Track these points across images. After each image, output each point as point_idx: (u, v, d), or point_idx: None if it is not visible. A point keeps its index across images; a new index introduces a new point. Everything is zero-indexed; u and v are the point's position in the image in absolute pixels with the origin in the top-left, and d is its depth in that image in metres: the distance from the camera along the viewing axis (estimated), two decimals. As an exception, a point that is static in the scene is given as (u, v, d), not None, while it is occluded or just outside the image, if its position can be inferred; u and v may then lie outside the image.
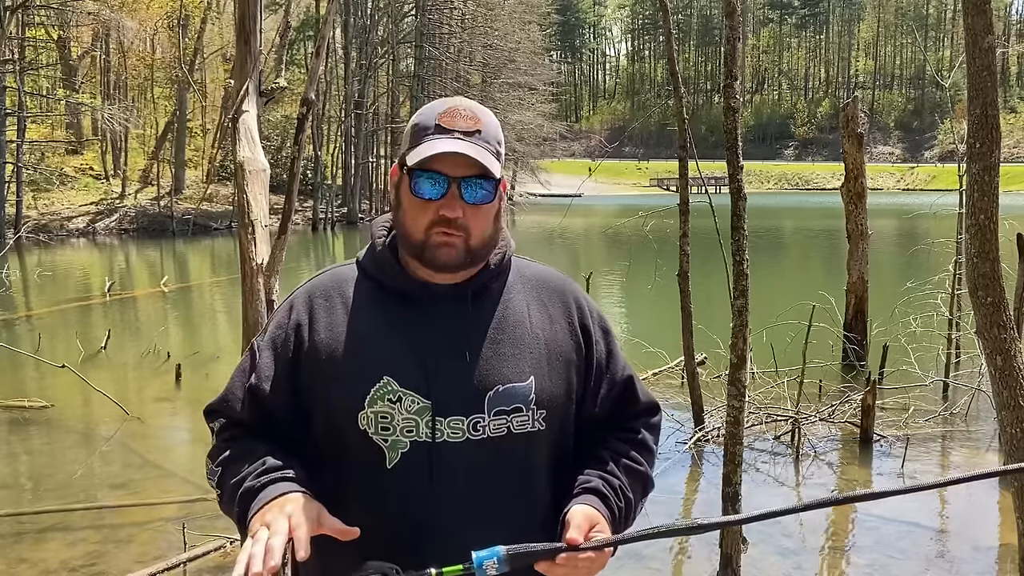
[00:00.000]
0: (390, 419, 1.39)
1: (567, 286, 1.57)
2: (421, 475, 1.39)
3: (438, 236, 1.41)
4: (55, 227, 28.94)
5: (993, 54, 3.05)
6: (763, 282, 6.95)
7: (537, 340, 1.47)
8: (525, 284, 1.53)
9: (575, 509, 1.39)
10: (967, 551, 4.89)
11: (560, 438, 1.49)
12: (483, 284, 1.48)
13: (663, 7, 6.63)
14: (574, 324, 1.52)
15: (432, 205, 1.41)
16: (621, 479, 1.48)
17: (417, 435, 1.39)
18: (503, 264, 1.51)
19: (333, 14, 4.13)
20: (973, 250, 3.14)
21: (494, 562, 1.26)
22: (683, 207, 6.49)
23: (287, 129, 34.66)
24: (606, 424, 1.55)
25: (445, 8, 42.74)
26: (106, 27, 31.48)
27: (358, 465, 1.42)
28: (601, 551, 1.33)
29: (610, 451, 1.51)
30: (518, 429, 1.42)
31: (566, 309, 1.53)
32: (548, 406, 1.45)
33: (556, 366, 1.48)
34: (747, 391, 4.60)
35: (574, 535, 1.32)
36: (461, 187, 1.41)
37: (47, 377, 8.91)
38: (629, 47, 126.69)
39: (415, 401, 1.39)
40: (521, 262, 1.56)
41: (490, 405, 1.41)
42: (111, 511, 5.50)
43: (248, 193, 3.48)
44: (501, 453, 1.42)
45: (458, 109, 1.44)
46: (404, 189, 1.45)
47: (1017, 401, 3.10)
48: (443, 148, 1.39)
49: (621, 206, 41.40)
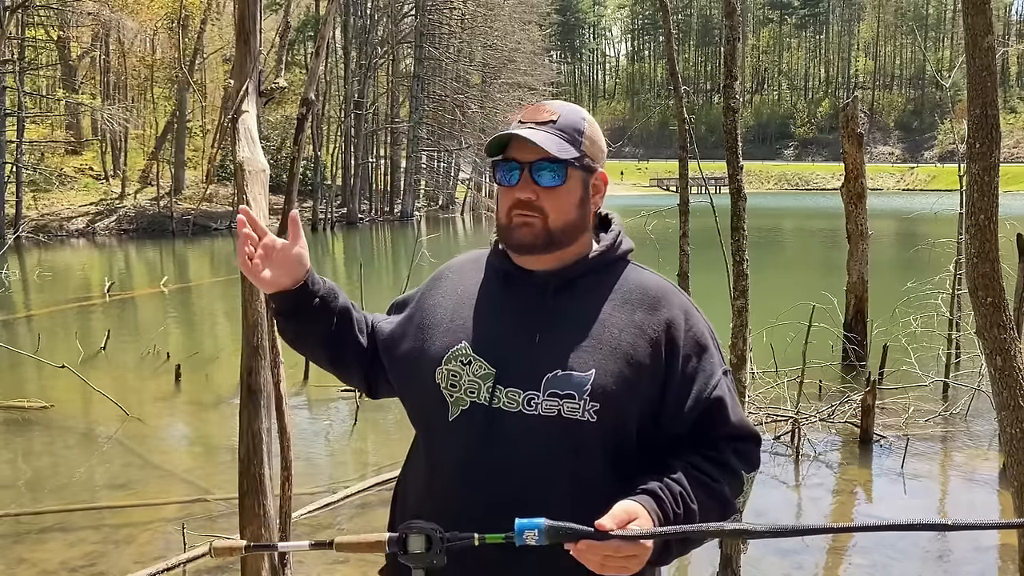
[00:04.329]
0: (459, 378, 1.54)
1: (668, 297, 1.58)
2: (476, 433, 1.51)
3: (517, 218, 1.54)
4: (55, 227, 28.94)
5: (993, 54, 3.04)
6: (763, 282, 6.95)
7: (611, 338, 1.53)
8: (622, 285, 1.59)
9: (621, 502, 1.41)
10: (967, 551, 4.89)
11: (614, 436, 1.50)
12: (570, 277, 1.57)
13: (663, 7, 6.63)
14: (659, 332, 1.53)
15: (511, 191, 1.55)
16: (685, 488, 1.46)
17: (477, 397, 1.52)
18: (604, 260, 1.59)
19: (333, 14, 4.12)
20: (973, 250, 3.13)
21: (535, 533, 1.31)
22: (683, 207, 6.49)
23: (287, 129, 34.71)
24: (689, 442, 1.54)
25: (445, 8, 42.73)
26: (106, 27, 31.46)
27: (427, 413, 1.59)
28: (635, 547, 1.34)
29: (683, 462, 1.51)
30: (568, 414, 1.48)
31: (655, 317, 1.55)
32: (602, 400, 1.48)
33: (623, 365, 1.51)
34: (747, 391, 4.60)
35: (605, 522, 1.34)
36: (532, 171, 1.53)
37: (47, 377, 8.91)
38: (629, 47, 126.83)
39: (482, 366, 1.53)
40: (634, 268, 1.63)
41: (546, 386, 1.49)
42: (111, 511, 5.50)
43: (248, 193, 3.48)
44: (549, 432, 1.49)
45: (542, 105, 1.59)
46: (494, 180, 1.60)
47: (1017, 401, 3.10)
48: (505, 132, 1.54)
49: (621, 206, 41.38)
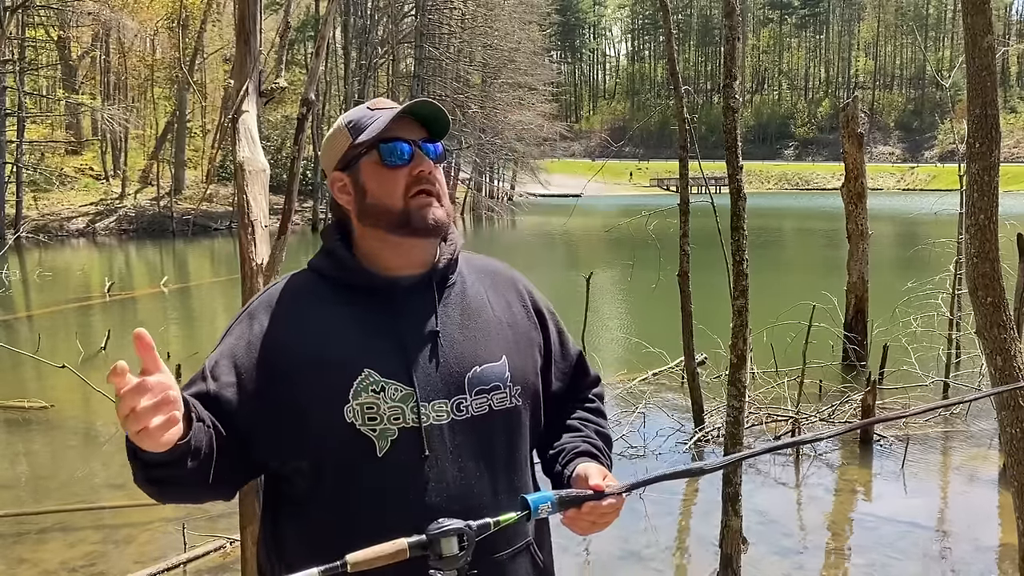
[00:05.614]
0: (376, 409, 1.41)
1: (513, 274, 1.68)
2: (412, 459, 1.42)
3: (419, 198, 1.47)
4: (55, 227, 28.95)
5: (993, 54, 3.05)
6: (763, 282, 6.95)
7: (500, 323, 1.56)
8: (477, 274, 1.61)
9: (584, 465, 1.51)
10: (967, 551, 4.88)
11: (533, 411, 1.58)
12: (443, 275, 1.54)
13: (663, 7, 6.63)
14: (528, 307, 1.63)
15: (403, 170, 1.47)
16: (598, 442, 1.63)
17: (404, 421, 1.42)
18: (455, 257, 1.58)
19: (333, 14, 4.12)
20: (973, 250, 3.14)
21: (548, 506, 1.37)
22: (683, 207, 6.49)
23: (287, 129, 34.68)
24: (565, 396, 1.67)
25: (445, 8, 42.73)
26: (106, 27, 31.49)
27: (347, 459, 1.41)
28: (619, 501, 1.43)
29: (580, 419, 1.67)
30: (498, 406, 1.50)
31: (518, 294, 1.64)
32: (522, 382, 1.54)
33: (522, 345, 1.57)
34: (747, 391, 4.60)
35: (599, 482, 1.43)
36: (422, 147, 1.50)
37: (47, 377, 8.91)
38: (629, 47, 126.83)
39: (399, 389, 1.42)
40: (466, 255, 1.64)
41: (470, 386, 1.47)
42: (111, 511, 5.49)
43: (248, 193, 3.48)
44: (484, 430, 1.48)
45: (382, 99, 1.56)
46: (368, 171, 1.49)
47: (1017, 401, 3.10)
48: (399, 109, 1.48)
49: (621, 206, 41.38)
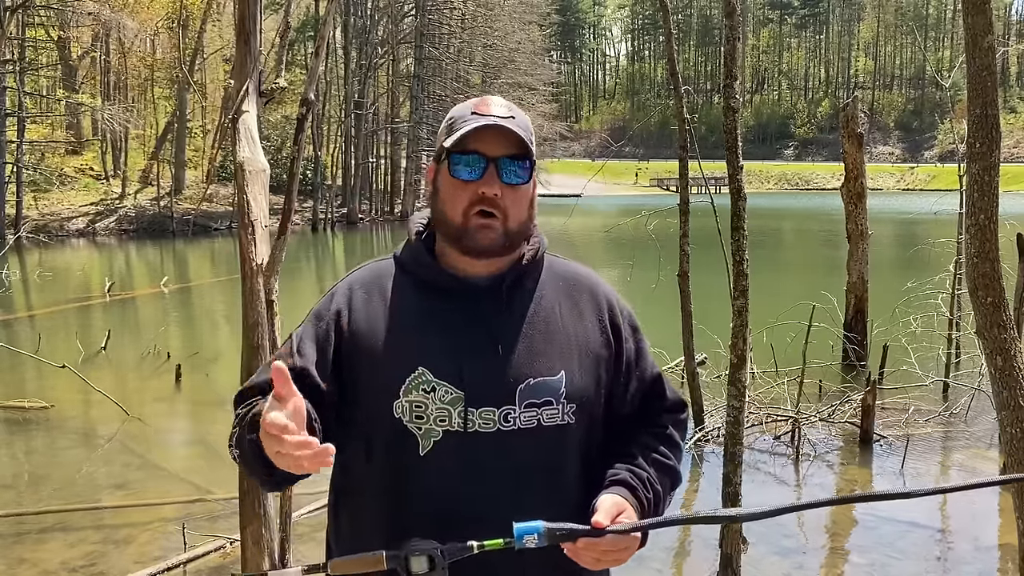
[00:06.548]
0: (424, 408, 1.42)
1: (598, 284, 1.60)
2: (452, 463, 1.42)
3: (477, 219, 1.44)
4: (55, 227, 28.93)
5: (993, 54, 3.05)
6: (763, 282, 6.95)
7: (567, 336, 1.50)
8: (556, 280, 1.56)
9: (604, 497, 1.42)
10: (967, 551, 4.89)
11: (589, 432, 1.51)
12: (517, 278, 1.50)
13: (663, 7, 6.63)
14: (604, 321, 1.55)
15: (471, 186, 1.44)
16: (649, 472, 1.51)
17: (450, 424, 1.42)
18: (536, 260, 1.53)
19: (333, 14, 4.13)
20: (973, 250, 3.14)
21: (534, 537, 1.31)
22: (683, 207, 6.48)
23: (287, 129, 34.65)
24: (634, 420, 1.57)
25: (445, 8, 42.71)
26: (106, 27, 31.46)
27: (393, 452, 1.44)
28: (628, 539, 1.36)
29: (639, 445, 1.54)
30: (548, 422, 1.45)
31: (596, 306, 1.56)
32: (578, 400, 1.47)
33: (586, 362, 1.50)
34: (747, 391, 4.60)
35: (600, 519, 1.35)
36: (499, 167, 1.44)
37: (47, 377, 8.91)
38: (629, 47, 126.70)
39: (448, 391, 1.42)
40: (553, 259, 1.59)
41: (521, 398, 1.43)
42: (111, 511, 5.49)
43: (248, 193, 3.48)
44: (531, 445, 1.44)
45: (492, 99, 1.50)
46: (443, 176, 1.48)
47: (1017, 401, 3.10)
48: (483, 123, 1.43)
49: (621, 206, 41.36)
